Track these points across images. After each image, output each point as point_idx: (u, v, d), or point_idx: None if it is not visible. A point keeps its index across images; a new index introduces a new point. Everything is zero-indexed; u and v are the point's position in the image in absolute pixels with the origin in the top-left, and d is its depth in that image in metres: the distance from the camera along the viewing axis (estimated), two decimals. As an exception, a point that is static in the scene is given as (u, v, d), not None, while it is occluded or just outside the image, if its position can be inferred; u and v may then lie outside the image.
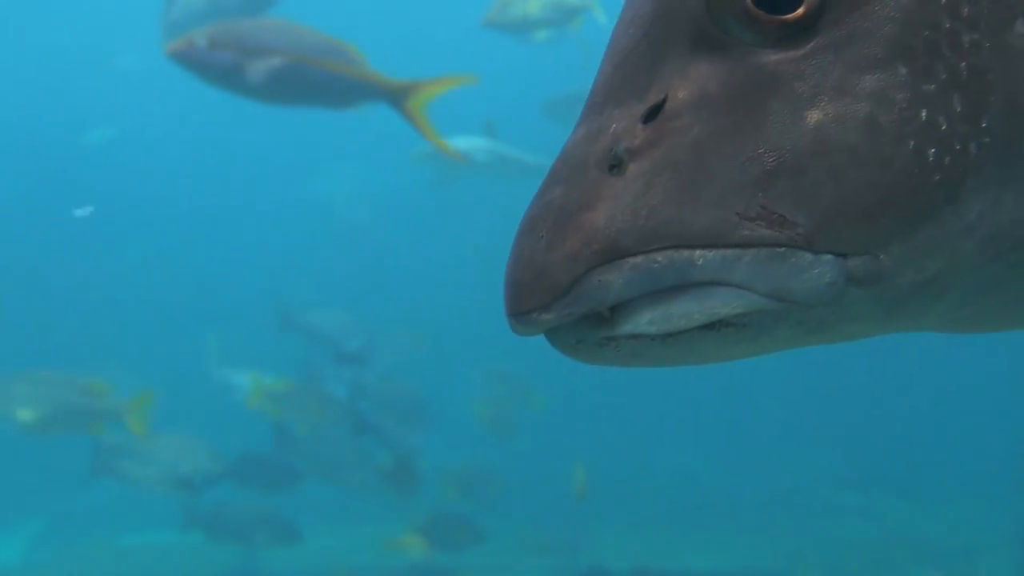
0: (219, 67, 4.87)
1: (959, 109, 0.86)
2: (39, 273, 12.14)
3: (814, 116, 0.86)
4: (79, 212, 10.47)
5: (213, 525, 6.18)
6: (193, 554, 7.06)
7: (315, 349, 7.43)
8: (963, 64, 0.87)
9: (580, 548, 7.23)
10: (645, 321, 0.88)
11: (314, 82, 4.94)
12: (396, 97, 4.87)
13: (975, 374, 9.52)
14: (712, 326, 0.89)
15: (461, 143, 7.02)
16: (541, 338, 0.94)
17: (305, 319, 7.54)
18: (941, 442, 9.73)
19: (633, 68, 0.92)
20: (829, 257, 0.87)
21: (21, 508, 8.44)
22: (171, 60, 4.91)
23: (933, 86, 0.86)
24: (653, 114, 0.90)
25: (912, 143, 0.86)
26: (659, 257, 0.87)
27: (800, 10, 0.88)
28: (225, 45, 4.86)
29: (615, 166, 0.89)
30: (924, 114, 0.86)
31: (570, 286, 0.87)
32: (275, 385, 6.21)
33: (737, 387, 8.89)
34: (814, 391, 9.65)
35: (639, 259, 0.87)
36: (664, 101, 0.90)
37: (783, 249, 0.86)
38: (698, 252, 0.87)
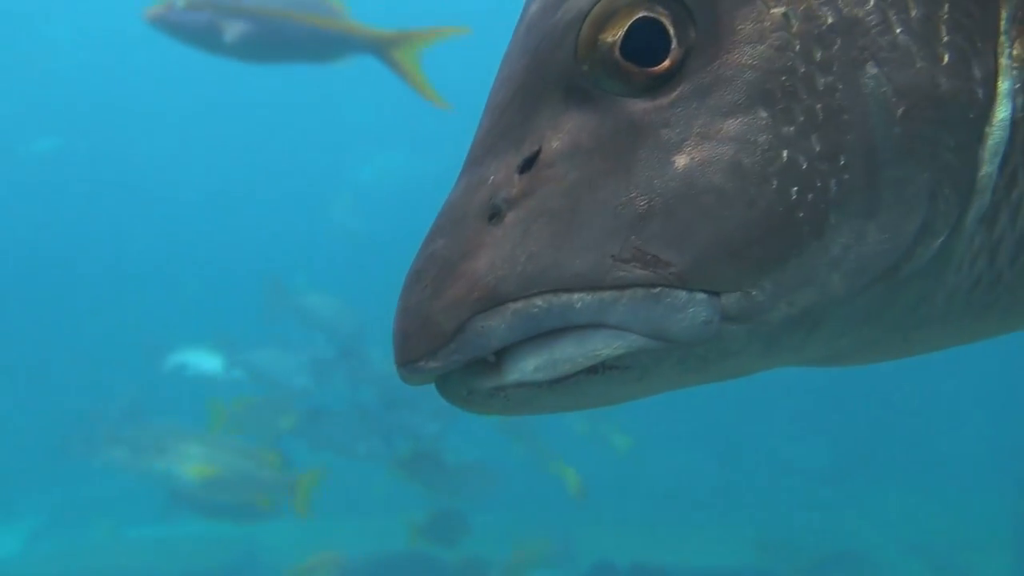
0: (197, 28, 4.92)
1: (818, 149, 0.92)
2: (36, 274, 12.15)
3: (681, 161, 0.92)
4: None
5: (202, 505, 6.27)
6: (192, 545, 7.19)
7: (311, 337, 7.47)
8: (819, 106, 0.93)
9: (580, 545, 7.30)
10: (531, 369, 0.93)
11: (296, 37, 4.97)
12: (383, 48, 4.88)
13: (971, 370, 9.49)
14: (596, 370, 0.94)
15: None
16: None
17: (298, 304, 7.57)
18: (939, 438, 9.78)
19: (509, 121, 0.98)
20: (703, 295, 0.92)
21: (21, 500, 8.56)
22: (151, 25, 4.95)
23: (792, 128, 0.92)
24: (528, 164, 0.96)
25: (775, 183, 0.92)
26: (539, 301, 0.92)
27: (666, 63, 0.94)
28: (202, 5, 4.90)
29: (494, 215, 0.95)
30: (785, 155, 0.92)
31: (454, 332, 0.93)
32: (234, 405, 6.23)
33: (735, 383, 8.91)
34: (812, 388, 9.65)
35: (520, 304, 0.92)
36: (539, 152, 0.96)
37: (658, 289, 0.92)
38: (576, 295, 0.92)
